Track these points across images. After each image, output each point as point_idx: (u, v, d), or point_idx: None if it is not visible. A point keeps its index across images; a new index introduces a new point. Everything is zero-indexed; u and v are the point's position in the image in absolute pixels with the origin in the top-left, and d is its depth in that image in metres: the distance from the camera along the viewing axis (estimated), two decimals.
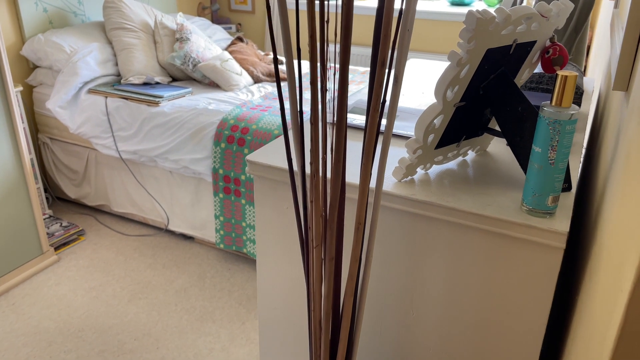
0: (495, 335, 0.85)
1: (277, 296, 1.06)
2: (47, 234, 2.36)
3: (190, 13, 3.48)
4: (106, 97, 2.39)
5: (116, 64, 2.57)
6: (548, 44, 0.86)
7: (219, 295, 2.08)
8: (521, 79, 0.90)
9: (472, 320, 0.87)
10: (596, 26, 2.54)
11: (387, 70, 0.69)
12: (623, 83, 0.72)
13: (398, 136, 1.08)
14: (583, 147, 1.09)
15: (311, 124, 0.66)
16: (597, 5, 2.63)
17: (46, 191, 2.74)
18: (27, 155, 2.07)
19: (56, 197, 2.76)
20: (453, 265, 0.86)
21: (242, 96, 2.45)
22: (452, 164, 0.97)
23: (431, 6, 3.17)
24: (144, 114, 2.29)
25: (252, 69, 2.67)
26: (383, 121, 1.09)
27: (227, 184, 2.15)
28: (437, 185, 0.89)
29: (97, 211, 2.68)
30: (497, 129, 0.96)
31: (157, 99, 2.30)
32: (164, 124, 2.25)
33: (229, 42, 3.07)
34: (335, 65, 0.64)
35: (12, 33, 2.48)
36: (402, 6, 0.65)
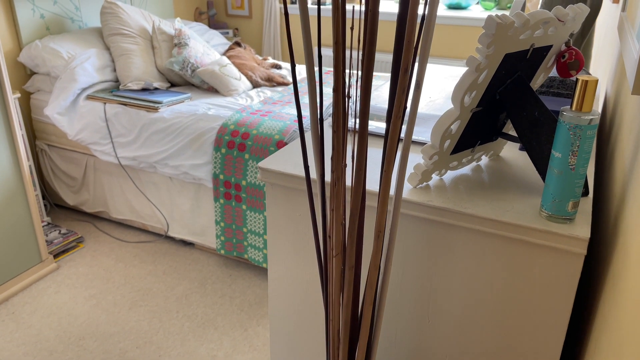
0: (514, 342, 0.84)
1: (290, 304, 1.04)
2: (46, 241, 2.33)
3: (187, 18, 3.46)
4: (105, 103, 2.36)
5: (114, 70, 2.54)
6: (564, 48, 0.85)
7: (221, 302, 2.05)
8: (536, 83, 0.90)
9: (490, 328, 0.85)
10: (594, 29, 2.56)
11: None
12: None
13: (412, 142, 1.07)
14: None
15: (334, 132, 0.65)
16: None
17: (44, 198, 2.70)
18: (26, 162, 2.04)
19: (54, 204, 2.72)
20: (471, 272, 0.84)
21: (242, 101, 2.44)
22: (466, 170, 0.97)
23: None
24: (143, 120, 2.27)
25: (250, 73, 2.66)
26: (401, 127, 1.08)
27: (228, 190, 2.13)
28: (453, 191, 0.88)
29: (96, 218, 2.65)
30: (511, 133, 0.96)
31: (156, 105, 2.28)
32: (163, 130, 2.23)
33: (226, 47, 3.06)
34: (358, 73, 0.63)
35: (10, 39, 2.45)
36: (425, 12, 0.64)
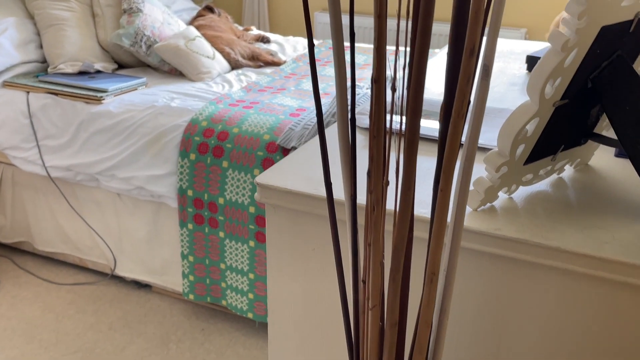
0: None
1: None
2: None
3: None
4: (28, 92, 2.35)
5: (41, 47, 2.53)
6: None
7: None
8: None
9: None
10: None
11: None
12: None
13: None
14: None
15: (372, 137, 0.64)
16: None
17: None
18: None
19: None
20: (554, 323, 0.84)
21: (217, 88, 2.44)
22: (544, 185, 0.96)
23: None
24: (81, 115, 2.26)
25: (228, 50, 2.67)
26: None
27: (199, 211, 2.13)
28: (529, 214, 0.88)
29: (15, 251, 2.63)
30: (606, 134, 0.96)
31: (99, 94, 2.28)
32: (109, 129, 2.22)
33: (194, 12, 3.07)
34: (405, 53, 0.60)
35: None
36: None
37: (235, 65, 2.67)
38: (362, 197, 0.84)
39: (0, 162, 2.49)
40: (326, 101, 2.25)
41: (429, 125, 1.13)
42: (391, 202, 0.77)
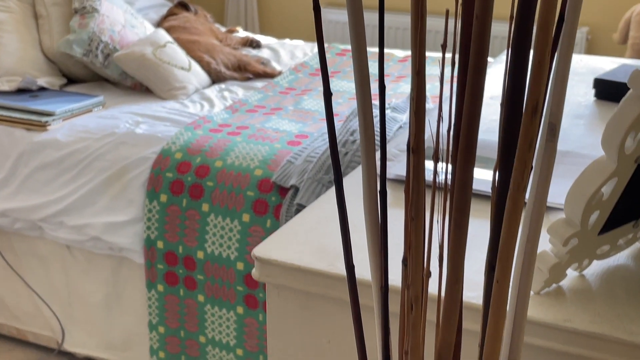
0: None
1: None
2: None
3: None
4: None
5: None
6: None
7: None
8: None
9: None
10: None
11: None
12: None
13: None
14: None
15: (410, 219, 0.65)
16: None
17: None
18: None
19: None
20: None
21: (194, 108, 2.45)
22: (624, 257, 0.97)
23: None
24: (21, 146, 2.27)
25: (208, 58, 2.69)
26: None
27: (172, 268, 2.13)
28: (606, 299, 0.88)
29: None
30: None
31: (43, 119, 2.29)
32: (56, 163, 2.23)
33: (164, 10, 3.10)
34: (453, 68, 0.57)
35: None
36: None
37: (217, 78, 2.69)
38: (394, 278, 0.84)
39: None
40: (336, 125, 2.26)
41: (476, 175, 1.13)
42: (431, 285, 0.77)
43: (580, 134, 1.46)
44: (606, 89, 1.66)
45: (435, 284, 0.85)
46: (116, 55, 2.54)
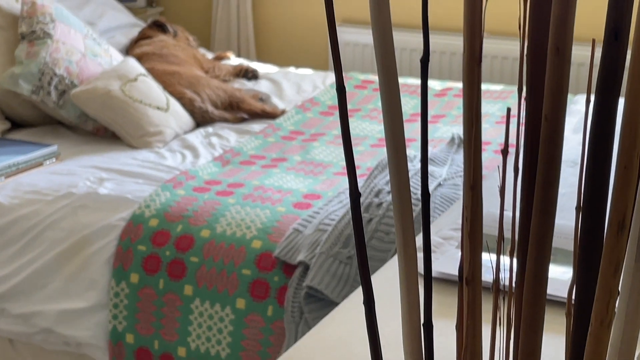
0: None
1: None
2: None
3: None
4: None
5: None
6: None
7: None
8: None
9: None
10: None
11: None
12: None
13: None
14: None
15: (461, 336, 0.66)
16: None
17: None
18: None
19: None
20: None
21: (173, 160, 2.47)
22: None
23: None
24: None
25: (190, 94, 2.70)
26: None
27: None
28: None
29: None
30: None
31: None
32: None
33: (134, 32, 3.12)
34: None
35: None
36: None
37: (202, 120, 2.70)
38: None
39: None
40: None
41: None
42: None
43: None
44: None
45: None
46: (74, 92, 2.56)
